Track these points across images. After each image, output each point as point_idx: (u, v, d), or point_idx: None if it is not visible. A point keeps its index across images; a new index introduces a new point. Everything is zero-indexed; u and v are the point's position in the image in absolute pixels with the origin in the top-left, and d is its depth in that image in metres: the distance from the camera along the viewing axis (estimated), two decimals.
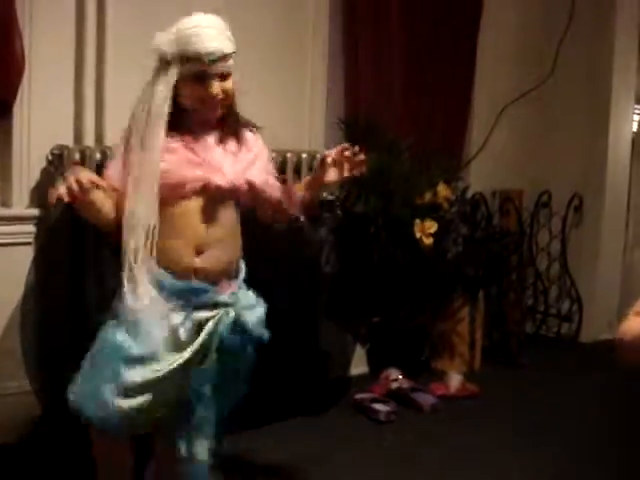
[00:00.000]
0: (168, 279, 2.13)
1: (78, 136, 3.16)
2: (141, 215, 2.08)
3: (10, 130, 3.05)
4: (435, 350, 4.18)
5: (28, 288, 3.02)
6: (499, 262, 4.32)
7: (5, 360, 3.06)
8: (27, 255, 3.06)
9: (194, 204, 2.14)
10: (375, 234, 3.67)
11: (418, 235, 3.72)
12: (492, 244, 4.29)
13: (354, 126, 3.87)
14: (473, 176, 4.55)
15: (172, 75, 2.09)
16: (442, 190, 3.81)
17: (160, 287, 2.11)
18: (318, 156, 2.34)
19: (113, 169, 2.21)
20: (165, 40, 2.10)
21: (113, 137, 3.15)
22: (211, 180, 2.13)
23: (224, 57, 2.10)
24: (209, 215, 2.15)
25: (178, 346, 2.13)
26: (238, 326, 2.17)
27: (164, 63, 2.10)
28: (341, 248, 3.65)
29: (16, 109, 3.02)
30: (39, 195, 3.09)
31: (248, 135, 2.29)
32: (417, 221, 3.72)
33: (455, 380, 3.89)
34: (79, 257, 2.95)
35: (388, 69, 4.07)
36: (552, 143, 4.89)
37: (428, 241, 3.74)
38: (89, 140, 3.16)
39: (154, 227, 2.08)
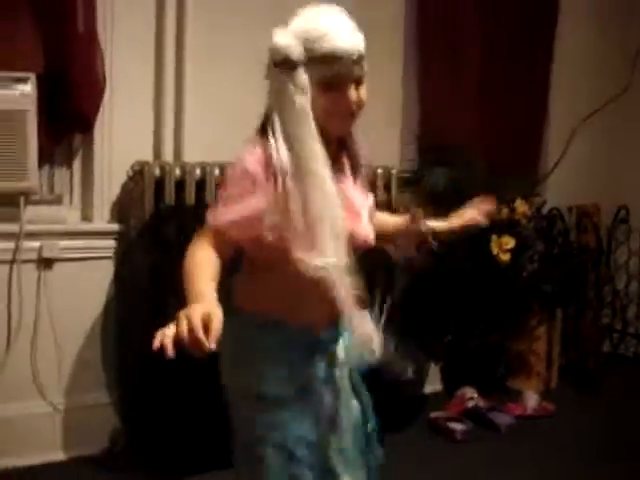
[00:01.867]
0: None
1: (157, 152, 3.21)
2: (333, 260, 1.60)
3: (92, 147, 3.12)
4: (511, 368, 4.10)
5: (108, 302, 3.08)
6: (577, 279, 4.22)
7: (85, 372, 3.13)
8: (108, 269, 3.12)
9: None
10: (451, 250, 3.63)
11: (495, 251, 3.67)
12: (569, 261, 4.20)
13: (429, 142, 3.84)
14: (549, 191, 4.47)
15: (303, 79, 1.62)
16: (520, 206, 3.76)
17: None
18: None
19: (235, 213, 1.64)
20: (288, 38, 1.63)
21: (191, 153, 3.20)
22: (359, 234, 1.72)
23: (361, 58, 1.66)
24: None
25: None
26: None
27: (288, 67, 1.63)
28: (417, 264, 3.62)
29: (97, 126, 3.09)
30: (120, 210, 3.15)
31: (361, 160, 1.84)
32: (494, 237, 3.67)
33: (532, 400, 3.81)
34: (159, 271, 2.98)
35: (462, 84, 4.04)
36: (630, 157, 4.77)
37: (505, 257, 3.68)
38: (168, 156, 3.20)
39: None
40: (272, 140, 1.64)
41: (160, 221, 3.01)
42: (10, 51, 2.85)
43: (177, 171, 3.06)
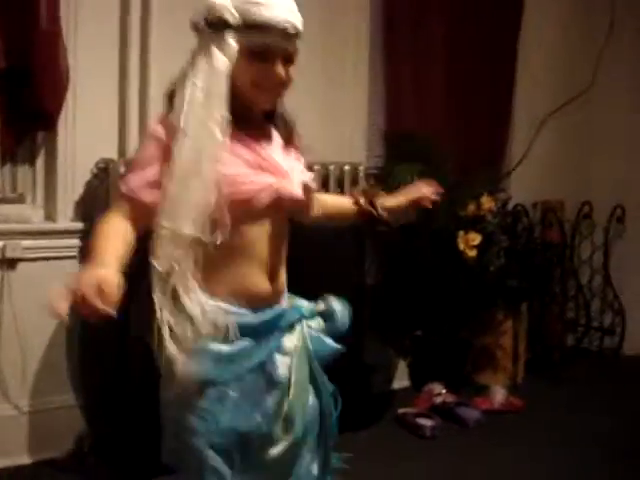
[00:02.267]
0: (247, 316, 1.71)
1: (122, 150, 3.16)
2: (189, 226, 1.59)
3: (55, 144, 3.06)
4: (478, 364, 4.13)
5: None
6: (541, 274, 4.26)
7: (50, 374, 3.08)
8: (73, 269, 3.06)
9: (264, 220, 1.71)
10: (418, 246, 3.64)
11: (461, 247, 3.68)
12: (534, 256, 4.23)
13: (395, 138, 3.84)
14: (513, 187, 4.50)
15: (232, 44, 1.61)
16: (486, 202, 3.77)
17: (240, 329, 1.67)
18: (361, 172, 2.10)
19: (142, 177, 1.63)
20: (222, 2, 1.61)
21: None
22: (285, 189, 1.71)
23: (295, 35, 1.66)
24: (279, 231, 1.76)
25: (279, 389, 1.75)
26: (321, 330, 1.83)
27: (219, 29, 1.61)
28: (384, 260, 3.62)
29: (61, 124, 3.03)
30: (84, 209, 3.10)
31: (295, 130, 1.85)
32: (461, 233, 3.69)
33: (499, 394, 3.84)
34: (124, 272, 2.94)
35: (428, 80, 4.05)
36: (593, 153, 4.83)
37: (472, 253, 3.70)
38: (133, 153, 3.15)
39: (206, 244, 1.60)
40: (178, 102, 1.64)
41: None
42: None
43: None
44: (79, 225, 3.09)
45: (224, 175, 1.62)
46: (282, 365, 1.75)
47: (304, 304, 1.85)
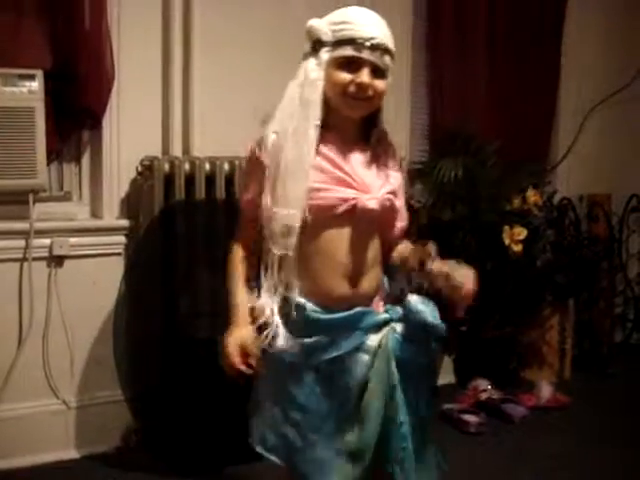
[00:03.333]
0: (323, 314, 1.85)
1: (166, 147, 3.19)
2: (284, 215, 1.80)
3: (100, 143, 3.10)
4: (524, 359, 4.08)
5: (120, 298, 3.07)
6: (589, 269, 4.20)
7: (97, 369, 3.12)
8: (118, 265, 3.11)
9: (344, 228, 1.85)
10: (463, 241, 3.61)
11: (507, 242, 3.64)
12: (581, 250, 4.17)
13: (440, 133, 3.82)
14: (559, 181, 4.44)
15: (324, 56, 1.84)
16: (531, 195, 3.73)
17: (315, 324, 1.85)
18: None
19: (254, 188, 1.88)
20: (318, 24, 1.86)
21: (200, 148, 3.19)
22: (362, 202, 1.84)
23: (382, 49, 1.84)
24: (363, 238, 1.89)
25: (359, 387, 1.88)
26: (410, 334, 1.88)
27: (316, 47, 1.86)
28: None
29: (106, 122, 3.07)
30: (129, 206, 3.13)
31: (395, 153, 1.99)
32: (506, 228, 3.65)
33: (546, 390, 3.79)
34: (170, 267, 2.97)
35: (471, 74, 4.02)
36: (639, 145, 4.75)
37: (517, 248, 3.66)
38: (177, 151, 3.18)
39: (297, 230, 1.80)
40: (278, 112, 1.87)
41: (170, 216, 2.99)
42: (17, 47, 2.83)
43: (186, 166, 3.04)
44: (124, 222, 3.12)
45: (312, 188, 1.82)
46: (361, 363, 1.87)
47: (396, 308, 1.92)
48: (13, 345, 2.98)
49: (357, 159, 1.89)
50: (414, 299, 1.89)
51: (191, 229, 3.01)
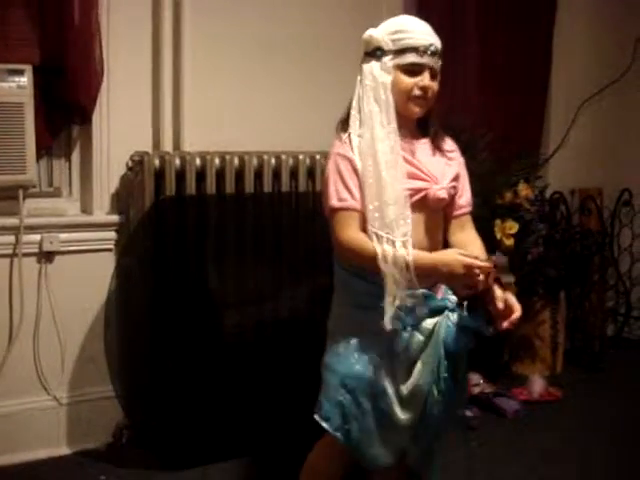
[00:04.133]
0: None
1: (157, 142, 3.17)
2: (396, 203, 1.97)
3: (90, 138, 3.08)
4: (516, 354, 4.09)
5: (110, 293, 3.06)
6: (580, 263, 4.20)
7: (88, 365, 3.11)
8: (109, 261, 3.09)
9: (415, 215, 2.03)
10: None
11: (499, 236, 3.64)
12: (573, 244, 4.17)
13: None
14: (551, 175, 4.44)
15: (389, 63, 2.04)
16: (523, 189, 3.73)
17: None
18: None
19: (350, 179, 2.02)
20: (378, 34, 2.06)
21: (191, 143, 3.18)
22: (433, 192, 2.06)
23: (438, 53, 2.09)
24: (428, 225, 2.09)
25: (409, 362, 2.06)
26: (460, 326, 2.06)
27: (377, 55, 2.05)
28: None
29: (95, 117, 3.05)
30: (119, 201, 3.12)
31: (449, 142, 2.22)
32: (497, 222, 3.65)
33: (538, 384, 3.80)
34: (160, 263, 2.96)
35: (462, 67, 4.00)
36: (632, 139, 4.75)
37: (509, 242, 3.66)
38: (167, 146, 3.17)
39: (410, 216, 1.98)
40: (353, 125, 2.04)
41: (160, 212, 2.99)
42: (5, 43, 2.81)
43: (177, 161, 3.03)
44: (115, 218, 3.11)
45: None
46: (416, 343, 2.04)
47: (451, 297, 2.11)
48: (3, 342, 2.96)
49: (422, 153, 2.11)
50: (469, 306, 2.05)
51: (182, 224, 3.00)
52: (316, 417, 2.10)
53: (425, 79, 2.05)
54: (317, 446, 2.21)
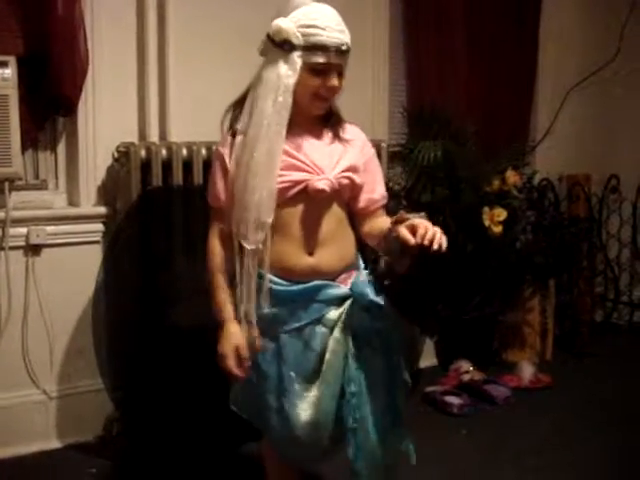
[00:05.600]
0: (283, 286, 2.02)
1: (142, 133, 3.15)
2: (256, 211, 1.94)
3: (75, 129, 3.06)
4: (505, 341, 4.09)
5: (98, 286, 3.04)
6: (569, 250, 4.21)
7: (77, 358, 3.10)
8: (96, 253, 3.08)
9: (299, 206, 2.01)
10: (443, 223, 3.59)
11: (487, 223, 3.65)
12: (561, 231, 4.18)
13: (418, 115, 3.80)
14: (539, 162, 4.44)
15: (298, 61, 1.94)
16: (511, 177, 3.73)
17: (275, 296, 2.01)
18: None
19: (220, 180, 2.05)
20: (288, 26, 1.93)
21: (177, 133, 3.16)
22: (312, 183, 1.99)
23: (346, 51, 1.98)
24: (314, 216, 2.03)
25: (317, 358, 2.04)
26: (359, 307, 2.01)
27: (285, 49, 1.94)
28: None
29: (81, 108, 3.02)
30: (106, 193, 3.10)
31: (353, 130, 2.14)
32: (486, 209, 3.65)
33: (528, 371, 3.81)
34: (148, 254, 2.94)
35: (451, 57, 3.99)
36: (619, 126, 4.76)
37: (497, 229, 3.66)
38: (154, 136, 3.15)
39: (269, 225, 1.96)
40: (242, 121, 2.00)
41: (147, 203, 2.97)
42: None
43: (163, 152, 3.01)
44: (102, 210, 3.09)
45: None
46: (320, 335, 2.02)
47: (359, 282, 2.04)
48: None
49: (311, 146, 2.04)
50: (360, 280, 2.03)
51: (169, 215, 2.99)
52: (234, 409, 2.17)
53: (333, 80, 1.98)
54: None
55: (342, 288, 2.05)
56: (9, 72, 2.78)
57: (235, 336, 1.99)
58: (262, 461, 2.33)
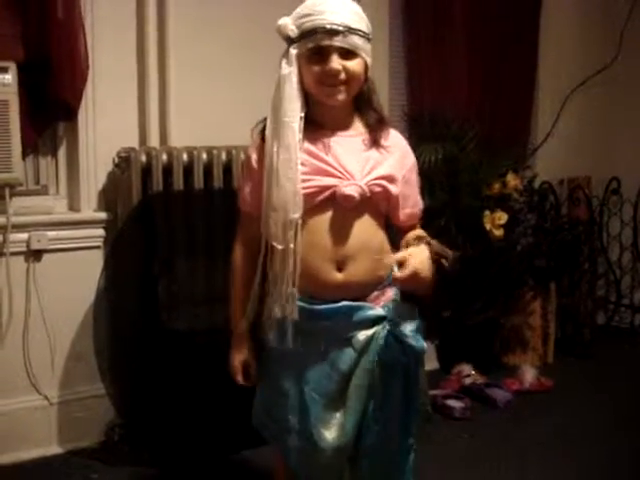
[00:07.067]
0: (310, 304, 1.88)
1: (143, 138, 3.15)
2: (282, 209, 1.83)
3: (76, 134, 3.06)
4: (507, 344, 4.09)
5: (99, 291, 3.04)
6: (570, 252, 4.20)
7: (78, 364, 3.09)
8: (97, 259, 3.08)
9: (327, 213, 1.87)
10: (444, 227, 3.60)
11: (488, 227, 3.64)
12: (562, 234, 4.18)
13: (419, 119, 3.80)
14: (539, 164, 4.44)
15: (292, 52, 1.85)
16: (511, 180, 3.73)
17: (301, 314, 1.87)
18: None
19: (247, 183, 1.96)
20: (284, 22, 1.86)
21: (178, 138, 3.16)
22: (340, 189, 1.86)
23: (348, 32, 1.82)
24: (343, 224, 1.88)
25: (342, 379, 1.91)
26: (393, 338, 1.86)
27: (286, 44, 1.87)
28: None
29: (81, 114, 3.03)
30: (107, 198, 3.10)
31: (395, 137, 1.99)
32: (486, 212, 3.65)
33: (529, 374, 3.81)
34: (149, 259, 2.94)
35: (451, 60, 3.99)
36: (619, 128, 4.75)
37: (498, 232, 3.66)
38: (154, 141, 3.15)
39: (298, 223, 1.83)
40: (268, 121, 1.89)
41: (148, 208, 2.97)
42: None
43: (164, 157, 3.01)
44: (102, 215, 3.09)
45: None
46: (347, 357, 1.89)
47: (399, 307, 1.88)
48: None
49: (343, 149, 1.89)
50: (399, 311, 1.87)
51: (170, 220, 2.98)
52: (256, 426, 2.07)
53: (332, 62, 1.82)
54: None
55: (375, 310, 1.90)
56: (9, 78, 2.77)
57: (244, 351, 2.00)
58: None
